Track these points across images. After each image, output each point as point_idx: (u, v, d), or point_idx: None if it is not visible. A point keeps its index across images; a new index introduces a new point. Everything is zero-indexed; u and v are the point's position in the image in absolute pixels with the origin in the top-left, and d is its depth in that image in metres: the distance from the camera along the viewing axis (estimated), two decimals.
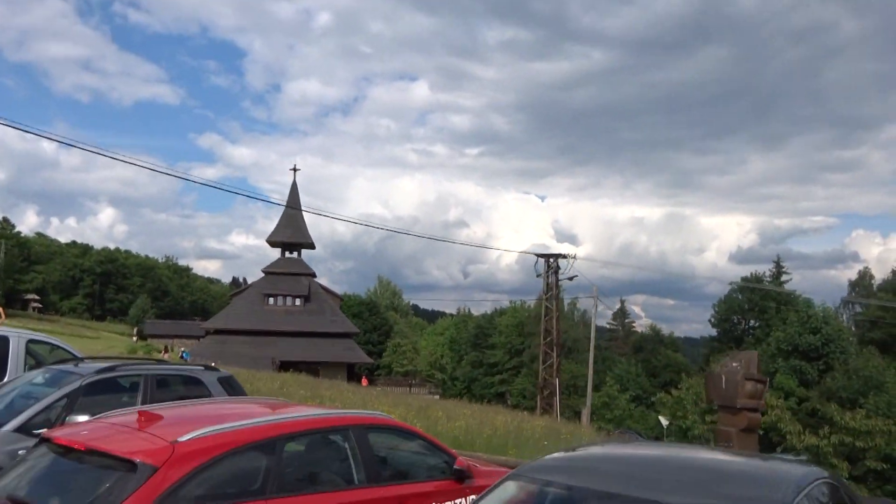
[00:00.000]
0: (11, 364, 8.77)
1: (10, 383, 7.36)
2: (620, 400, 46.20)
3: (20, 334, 9.15)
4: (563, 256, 34.53)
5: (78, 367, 7.09)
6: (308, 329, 52.71)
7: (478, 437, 12.11)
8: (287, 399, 9.09)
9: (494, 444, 11.50)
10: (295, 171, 58.11)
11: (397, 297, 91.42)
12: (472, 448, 10.78)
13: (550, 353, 38.52)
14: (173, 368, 7.81)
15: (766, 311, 59.46)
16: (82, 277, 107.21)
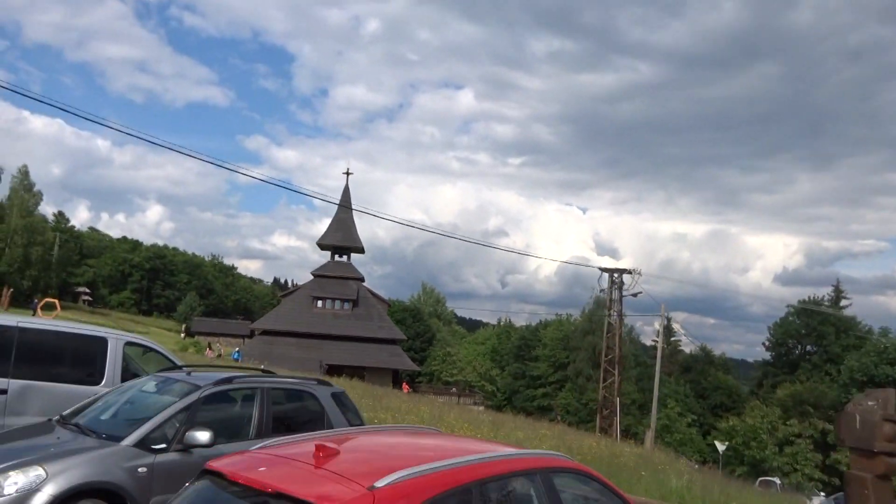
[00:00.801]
0: (109, 368, 8.40)
1: (117, 391, 6.94)
2: (681, 423, 44.80)
3: (118, 336, 8.79)
4: (627, 272, 33.56)
5: (191, 377, 6.65)
6: (355, 334, 52.52)
7: None
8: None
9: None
10: (348, 174, 58.10)
11: (440, 304, 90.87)
12: None
13: (610, 370, 37.31)
14: (288, 382, 7.32)
15: (825, 337, 57.32)
16: (131, 272, 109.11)
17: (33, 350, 7.95)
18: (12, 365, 7.67)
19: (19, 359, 7.73)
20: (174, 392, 6.36)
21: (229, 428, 6.45)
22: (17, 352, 7.73)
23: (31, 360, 7.89)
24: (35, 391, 7.79)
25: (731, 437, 39.36)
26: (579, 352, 71.34)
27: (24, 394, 7.68)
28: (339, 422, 7.21)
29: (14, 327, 7.82)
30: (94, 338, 8.54)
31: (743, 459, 29.73)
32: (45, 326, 8.29)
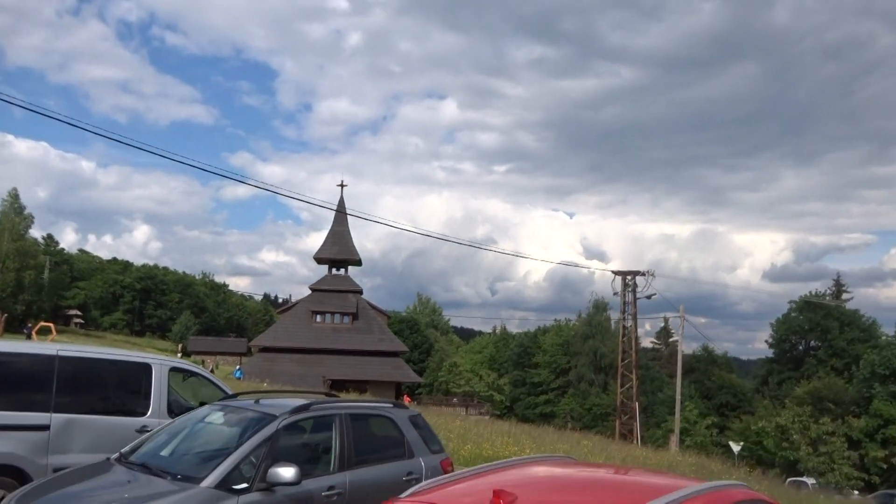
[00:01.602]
0: (155, 397, 7.74)
1: (177, 424, 6.30)
2: (700, 426, 44.30)
3: (162, 361, 8.13)
4: (640, 273, 33.06)
5: (261, 405, 6.03)
6: (356, 347, 51.75)
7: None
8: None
9: None
10: (342, 186, 57.42)
11: (437, 314, 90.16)
12: None
13: (627, 374, 36.81)
14: (365, 406, 6.71)
15: (829, 332, 57.12)
16: (123, 293, 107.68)
17: (75, 380, 7.30)
18: (54, 397, 7.03)
19: (61, 390, 7.08)
20: (247, 423, 5.74)
21: (310, 460, 5.84)
22: (58, 383, 7.08)
23: (72, 391, 7.24)
24: (79, 425, 7.13)
25: (745, 437, 38.91)
26: (580, 357, 70.86)
27: (68, 429, 7.03)
28: (419, 448, 6.61)
29: (54, 356, 7.17)
30: (138, 364, 7.90)
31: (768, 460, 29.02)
32: (87, 354, 7.63)
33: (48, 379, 7.03)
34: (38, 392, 7.00)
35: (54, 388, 7.03)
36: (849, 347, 56.37)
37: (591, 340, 70.22)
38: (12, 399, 6.87)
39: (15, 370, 6.96)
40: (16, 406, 6.83)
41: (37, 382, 7.02)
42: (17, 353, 7.11)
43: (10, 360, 7.00)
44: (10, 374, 6.92)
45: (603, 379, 68.95)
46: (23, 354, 7.12)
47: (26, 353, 7.17)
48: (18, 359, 7.05)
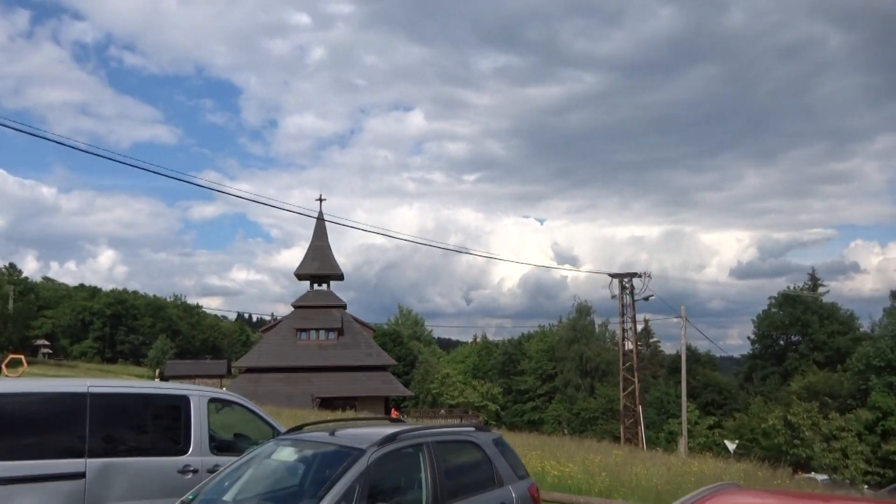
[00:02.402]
0: (196, 433, 7.02)
1: (241, 464, 5.61)
2: (702, 426, 44.21)
3: (200, 392, 7.40)
4: (636, 275, 32.81)
5: (341, 437, 5.37)
6: (344, 363, 50.77)
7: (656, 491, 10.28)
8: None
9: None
10: (321, 200, 56.57)
11: (419, 326, 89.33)
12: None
13: (630, 378, 36.43)
14: (449, 432, 6.08)
15: (810, 326, 57.67)
16: (92, 320, 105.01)
17: (108, 419, 6.57)
18: (87, 440, 6.27)
19: (94, 432, 6.35)
20: (330, 459, 5.11)
21: (401, 497, 5.21)
22: (91, 423, 6.34)
23: (107, 432, 6.51)
24: (116, 470, 6.40)
25: (741, 434, 38.82)
26: (566, 361, 70.63)
27: (105, 475, 6.30)
28: (506, 474, 6.03)
29: (84, 394, 6.42)
30: (174, 396, 7.17)
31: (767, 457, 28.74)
32: (119, 389, 6.89)
33: (80, 420, 6.30)
34: (69, 435, 6.26)
35: (87, 429, 6.29)
36: (829, 340, 56.99)
37: (576, 345, 70.08)
38: (43, 445, 6.12)
39: (44, 412, 6.22)
40: (47, 453, 6.09)
41: (68, 425, 6.30)
42: (45, 392, 6.35)
43: (38, 400, 6.24)
44: (38, 417, 6.17)
45: (590, 383, 68.80)
46: (51, 394, 6.36)
47: (55, 392, 6.40)
48: (46, 399, 6.30)
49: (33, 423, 6.13)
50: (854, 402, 27.62)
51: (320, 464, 5.19)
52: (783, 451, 26.90)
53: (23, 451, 5.96)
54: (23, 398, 6.12)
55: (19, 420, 6.04)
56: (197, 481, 6.94)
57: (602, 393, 65.69)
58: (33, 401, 6.17)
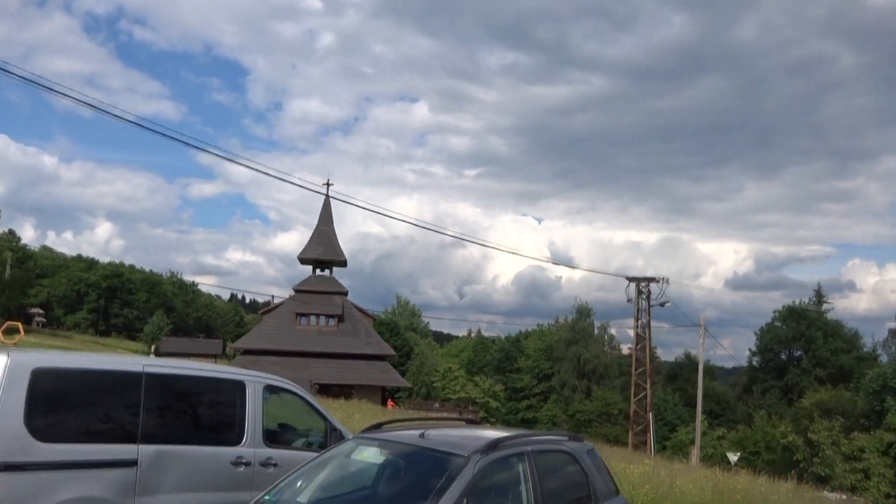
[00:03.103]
0: (250, 422, 6.46)
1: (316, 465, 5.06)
2: (712, 436, 43.88)
3: (256, 378, 6.83)
4: (654, 280, 32.35)
5: (432, 440, 4.82)
6: (342, 350, 50.22)
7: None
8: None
9: None
10: (328, 185, 55.85)
11: (416, 317, 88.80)
12: None
13: (641, 384, 35.91)
14: (546, 441, 5.51)
15: (813, 342, 57.34)
16: (87, 292, 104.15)
17: (164, 402, 5.99)
18: (141, 425, 5.71)
19: (148, 415, 5.77)
20: (427, 465, 4.55)
21: None
22: (146, 406, 5.77)
23: (161, 416, 5.93)
24: (170, 459, 5.83)
25: (743, 447, 38.46)
26: (563, 362, 70.22)
27: (158, 464, 5.72)
28: (601, 489, 5.48)
29: (140, 373, 5.85)
30: (230, 381, 6.60)
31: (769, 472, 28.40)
32: (175, 370, 6.30)
33: (134, 402, 5.72)
34: (122, 419, 5.69)
35: (141, 413, 5.72)
36: (832, 358, 56.70)
37: (574, 346, 69.67)
38: (95, 428, 5.55)
39: (97, 392, 5.64)
40: (99, 437, 5.51)
41: (121, 407, 5.71)
42: (100, 369, 5.76)
43: (94, 378, 5.66)
44: (92, 397, 5.59)
45: (586, 385, 68.44)
46: (106, 372, 5.77)
47: (110, 369, 5.82)
48: (101, 377, 5.71)
49: (87, 403, 5.55)
50: (867, 422, 27.27)
51: (415, 469, 4.65)
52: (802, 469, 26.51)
53: (75, 433, 5.40)
54: (77, 375, 5.54)
55: (73, 399, 5.47)
56: (249, 475, 6.39)
57: (599, 396, 65.31)
58: (87, 378, 5.59)
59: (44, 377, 5.24)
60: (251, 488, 6.34)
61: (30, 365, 5.22)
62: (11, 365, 5.10)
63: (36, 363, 5.30)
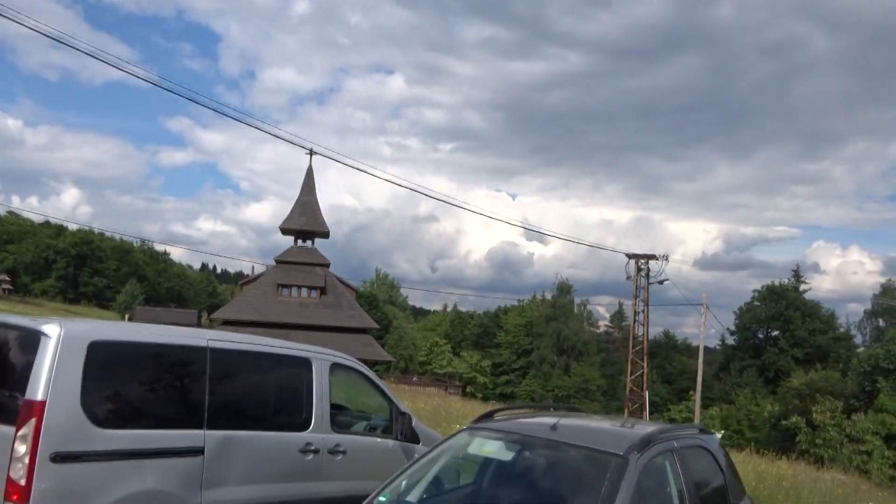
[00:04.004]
0: (317, 405, 5.78)
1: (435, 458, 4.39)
2: (704, 415, 44.05)
3: (322, 355, 6.12)
4: (653, 257, 32.00)
5: (571, 434, 4.18)
6: (325, 323, 49.45)
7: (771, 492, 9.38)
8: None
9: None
10: (311, 154, 54.57)
11: (395, 290, 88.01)
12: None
13: (639, 362, 35.75)
14: (687, 436, 4.86)
15: (792, 322, 57.94)
16: (56, 259, 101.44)
17: (229, 381, 5.27)
18: (207, 407, 4.98)
19: (214, 397, 5.04)
20: (574, 463, 3.92)
21: None
22: (211, 386, 5.03)
23: (226, 397, 5.21)
24: (237, 446, 5.12)
25: (727, 425, 38.75)
26: (543, 338, 70.24)
27: (225, 452, 5.01)
28: (734, 487, 4.91)
29: (204, 347, 5.10)
30: (296, 358, 5.88)
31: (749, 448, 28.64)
32: (238, 344, 5.55)
33: (199, 381, 4.99)
34: (187, 401, 4.95)
35: (206, 394, 4.99)
36: (810, 338, 57.40)
37: (554, 322, 69.70)
38: (157, 412, 4.81)
39: (161, 369, 4.89)
40: (161, 422, 4.78)
41: (186, 387, 4.97)
42: (165, 343, 4.99)
43: (155, 353, 4.90)
44: (155, 376, 4.84)
45: (565, 361, 68.62)
46: (171, 346, 5.01)
47: (174, 343, 5.05)
48: (165, 352, 4.95)
49: (148, 382, 4.81)
50: (858, 402, 27.44)
51: (561, 468, 4.01)
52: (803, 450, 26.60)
53: (135, 417, 4.66)
54: (137, 349, 4.77)
55: (133, 377, 4.72)
56: (318, 464, 5.71)
57: (577, 372, 65.57)
58: (148, 353, 4.83)
59: (102, 351, 4.49)
60: (319, 478, 5.69)
61: (86, 337, 4.47)
62: (65, 337, 4.34)
63: (93, 335, 4.54)
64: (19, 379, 4.34)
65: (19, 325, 4.53)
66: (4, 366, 4.61)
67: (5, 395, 4.45)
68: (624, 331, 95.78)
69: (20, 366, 4.43)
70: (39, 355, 4.25)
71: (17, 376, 4.39)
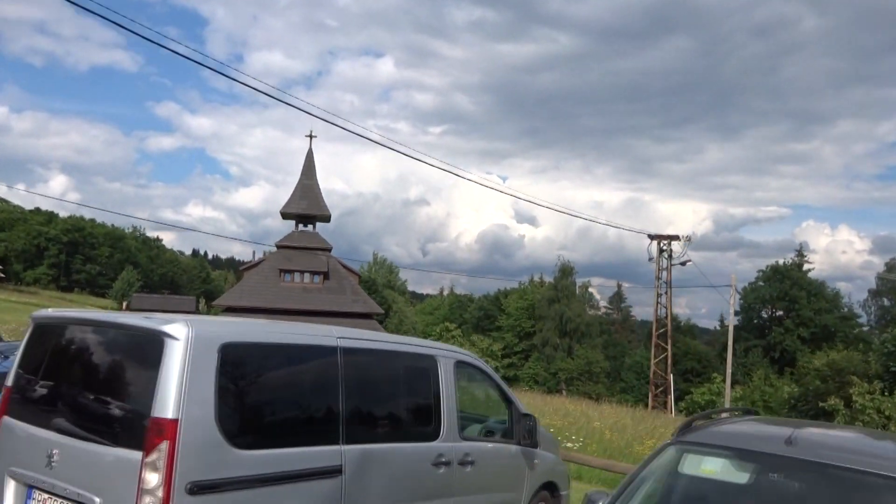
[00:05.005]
0: (447, 408, 5.05)
1: (637, 481, 3.68)
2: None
3: (447, 353, 5.39)
4: (676, 238, 31.37)
5: (827, 454, 3.46)
6: (328, 308, 48.63)
7: None
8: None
9: None
10: (311, 137, 53.62)
11: (393, 274, 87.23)
12: None
13: (662, 345, 35.27)
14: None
15: (797, 302, 57.66)
16: (48, 246, 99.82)
17: (361, 387, 4.53)
18: (343, 419, 4.25)
19: (348, 405, 4.31)
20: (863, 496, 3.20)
21: None
22: (346, 393, 4.31)
23: (359, 404, 4.48)
24: (374, 462, 4.41)
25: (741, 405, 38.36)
26: (546, 321, 69.74)
27: (363, 469, 4.29)
28: None
29: (335, 347, 4.37)
30: (422, 356, 5.16)
31: None
32: (368, 343, 4.81)
33: (333, 387, 4.26)
34: (322, 411, 4.23)
35: (341, 402, 4.26)
36: (815, 317, 57.18)
37: (556, 304, 69.21)
38: (293, 426, 4.08)
39: (295, 375, 4.16)
40: (298, 438, 4.05)
41: (320, 394, 4.25)
42: (298, 344, 4.24)
43: (288, 356, 4.17)
44: (289, 383, 4.11)
45: (568, 343, 68.23)
46: (303, 347, 4.26)
47: (307, 344, 4.30)
48: (297, 354, 4.21)
49: (282, 390, 4.09)
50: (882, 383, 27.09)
51: (822, 496, 3.29)
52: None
53: (271, 434, 3.93)
54: (269, 352, 4.03)
55: (268, 385, 3.99)
56: (448, 478, 4.99)
57: (580, 354, 65.20)
58: (281, 356, 4.08)
59: (234, 356, 3.75)
60: (451, 494, 4.99)
61: (217, 338, 3.72)
62: (195, 338, 3.58)
63: (224, 335, 3.79)
64: (140, 392, 3.60)
65: (136, 326, 3.76)
66: (119, 376, 3.86)
67: (123, 412, 3.69)
68: (623, 312, 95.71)
69: (140, 376, 3.68)
70: (166, 362, 3.50)
71: (137, 389, 3.65)
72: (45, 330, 4.32)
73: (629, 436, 14.29)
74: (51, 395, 4.10)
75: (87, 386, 3.88)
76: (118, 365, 3.87)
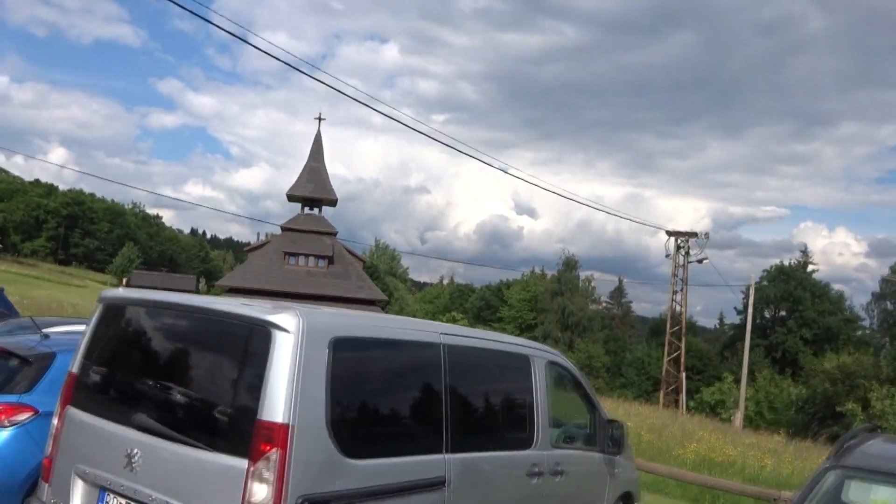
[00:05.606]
0: (540, 413, 4.66)
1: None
2: (733, 395, 43.55)
3: (537, 351, 5.00)
4: (694, 235, 31.01)
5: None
6: (333, 293, 48.21)
7: None
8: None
9: None
10: (320, 119, 53.01)
11: (395, 262, 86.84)
12: None
13: (676, 342, 34.95)
14: None
15: (801, 302, 57.44)
16: (46, 219, 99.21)
17: (463, 389, 4.14)
18: (448, 424, 3.85)
19: (452, 409, 3.92)
20: None
21: None
22: (450, 396, 3.91)
23: (461, 409, 4.08)
24: (477, 473, 4.03)
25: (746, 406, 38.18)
26: (548, 314, 69.52)
27: (466, 480, 3.91)
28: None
29: (437, 344, 3.97)
30: (517, 356, 4.76)
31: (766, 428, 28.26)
32: (470, 340, 4.40)
33: (438, 390, 3.86)
34: (427, 416, 3.83)
35: (445, 406, 3.86)
36: (819, 319, 56.98)
37: (559, 297, 68.94)
38: (403, 432, 3.69)
39: (402, 375, 3.76)
40: (405, 446, 3.65)
41: (425, 397, 3.85)
42: (406, 341, 3.84)
43: (396, 354, 3.76)
44: (397, 384, 3.72)
45: (569, 337, 68.01)
46: (411, 344, 3.86)
47: (414, 340, 3.90)
48: (404, 352, 3.81)
49: (391, 392, 3.69)
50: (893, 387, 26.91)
51: None
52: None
53: (381, 442, 3.53)
54: (379, 348, 3.62)
55: (377, 387, 3.59)
56: (540, 489, 4.61)
57: (581, 348, 64.96)
58: (389, 354, 3.68)
59: (344, 352, 3.32)
60: None
61: (328, 331, 3.30)
62: (307, 330, 3.16)
63: (335, 329, 3.38)
64: (242, 391, 3.19)
65: (235, 314, 3.31)
66: (214, 371, 3.44)
67: (221, 413, 3.26)
68: (623, 308, 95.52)
69: (241, 372, 3.25)
70: (275, 358, 3.08)
71: (239, 387, 3.22)
72: (118, 313, 3.91)
73: (667, 437, 13.88)
74: (128, 387, 3.70)
75: (175, 380, 3.47)
76: (213, 358, 3.47)
